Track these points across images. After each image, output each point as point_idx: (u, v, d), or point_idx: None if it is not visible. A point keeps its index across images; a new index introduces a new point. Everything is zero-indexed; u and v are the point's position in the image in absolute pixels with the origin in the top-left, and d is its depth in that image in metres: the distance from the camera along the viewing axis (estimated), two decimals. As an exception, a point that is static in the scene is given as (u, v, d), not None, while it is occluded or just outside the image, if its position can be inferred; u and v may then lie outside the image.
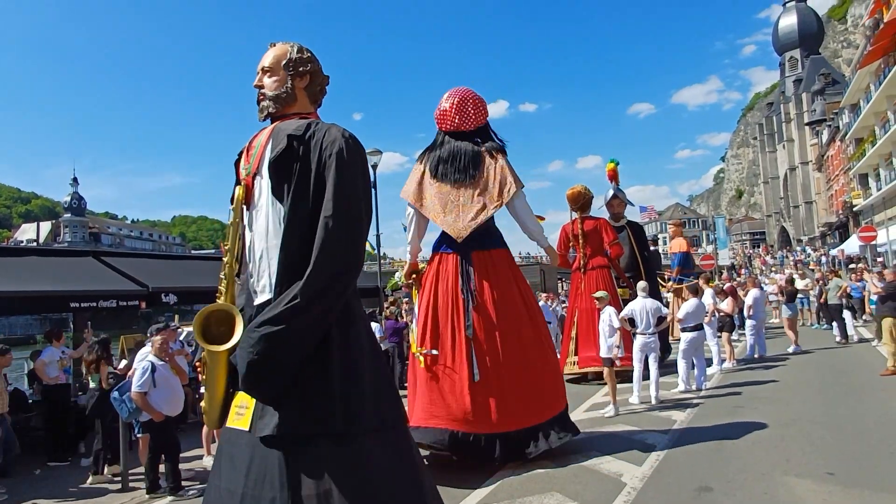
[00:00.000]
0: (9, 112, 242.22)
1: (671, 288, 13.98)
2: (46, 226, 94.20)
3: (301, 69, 2.72)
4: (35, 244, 73.90)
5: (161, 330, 6.88)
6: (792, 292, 14.86)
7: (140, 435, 6.50)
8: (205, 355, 2.39)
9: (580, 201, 10.81)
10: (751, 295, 12.92)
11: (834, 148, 54.91)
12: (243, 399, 2.36)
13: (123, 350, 11.76)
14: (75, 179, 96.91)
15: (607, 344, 8.27)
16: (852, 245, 33.56)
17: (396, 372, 11.89)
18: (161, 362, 6.27)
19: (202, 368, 2.43)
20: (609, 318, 8.28)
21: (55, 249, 20.53)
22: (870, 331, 14.35)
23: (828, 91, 65.42)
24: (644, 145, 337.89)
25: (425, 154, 6.69)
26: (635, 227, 12.65)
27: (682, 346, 9.44)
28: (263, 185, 2.54)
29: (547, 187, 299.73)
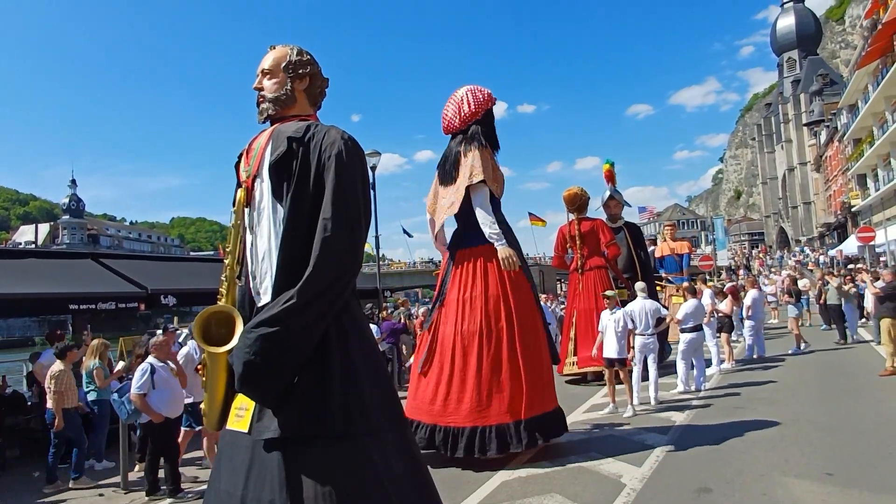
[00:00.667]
0: (7, 113, 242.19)
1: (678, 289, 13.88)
2: (45, 227, 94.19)
3: (301, 71, 2.72)
4: (33, 246, 73.87)
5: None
6: (798, 292, 14.87)
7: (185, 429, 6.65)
8: (205, 357, 2.38)
9: (577, 203, 10.82)
10: (749, 296, 12.93)
11: (832, 148, 55.00)
12: (243, 401, 2.36)
13: (122, 352, 11.77)
14: (74, 181, 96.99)
15: (619, 345, 8.15)
16: (851, 246, 33.60)
17: (395, 372, 11.97)
18: (160, 364, 6.28)
19: (203, 371, 2.42)
20: (622, 319, 8.22)
21: (54, 252, 20.54)
22: (868, 332, 14.36)
23: (826, 92, 65.56)
24: (642, 146, 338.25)
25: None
26: (632, 228, 12.66)
27: (682, 347, 9.45)
28: (264, 188, 2.54)
29: (545, 188, 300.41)
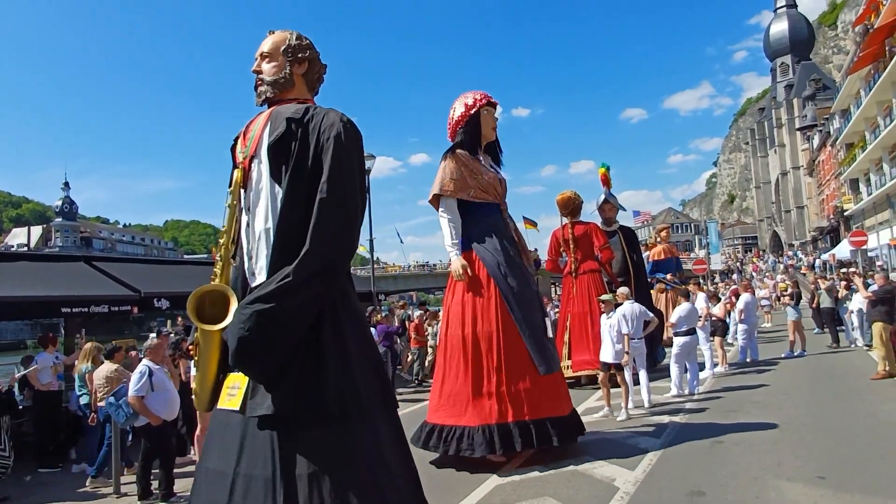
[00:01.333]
0: (0, 114, 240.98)
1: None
2: (37, 230, 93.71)
3: (300, 55, 2.76)
4: (26, 249, 73.41)
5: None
6: (798, 295, 14.91)
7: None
8: (198, 336, 2.40)
9: (570, 206, 10.84)
10: (742, 299, 12.99)
11: (825, 153, 55.32)
12: (235, 380, 2.38)
13: (115, 355, 11.71)
14: (67, 183, 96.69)
15: (615, 349, 8.18)
16: (843, 250, 33.81)
17: (391, 376, 11.93)
18: (157, 367, 6.26)
19: (195, 350, 2.45)
20: (618, 323, 8.24)
21: (47, 255, 20.45)
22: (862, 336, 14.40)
23: (819, 96, 66.03)
24: (637, 150, 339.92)
25: None
26: (627, 232, 12.70)
27: (675, 351, 9.47)
28: (262, 169, 2.56)
29: (540, 192, 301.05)
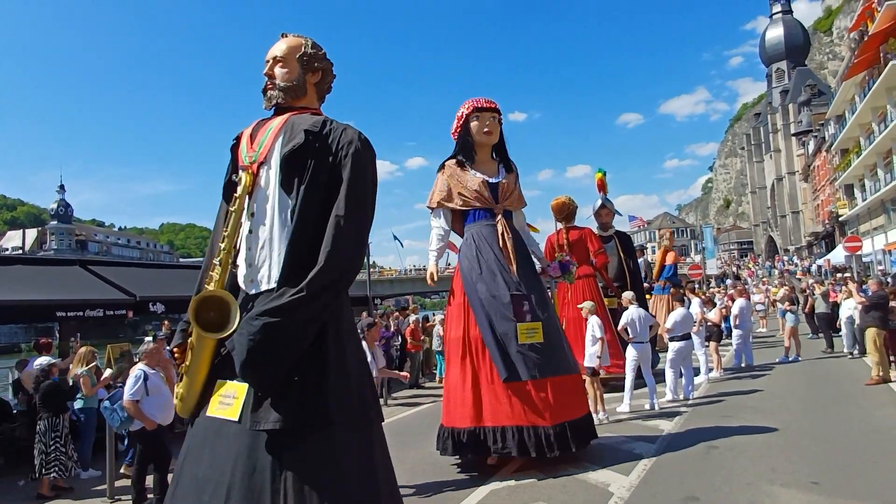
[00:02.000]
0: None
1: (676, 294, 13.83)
2: (32, 233, 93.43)
3: (316, 65, 2.78)
4: (21, 252, 73.26)
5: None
6: (796, 300, 14.95)
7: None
8: (191, 341, 2.39)
9: (565, 212, 10.84)
10: (737, 304, 13.01)
11: (820, 158, 55.51)
12: (231, 388, 2.36)
13: (110, 359, 11.67)
14: (62, 186, 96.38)
15: (589, 353, 8.30)
16: (838, 255, 33.90)
17: (386, 380, 11.96)
18: (152, 371, 6.24)
19: (181, 356, 2.45)
20: (592, 329, 8.30)
21: (42, 258, 20.41)
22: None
23: (814, 102, 66.20)
24: (633, 155, 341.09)
25: None
26: (623, 237, 12.71)
27: (670, 356, 9.48)
28: (271, 176, 2.56)
29: (536, 196, 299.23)
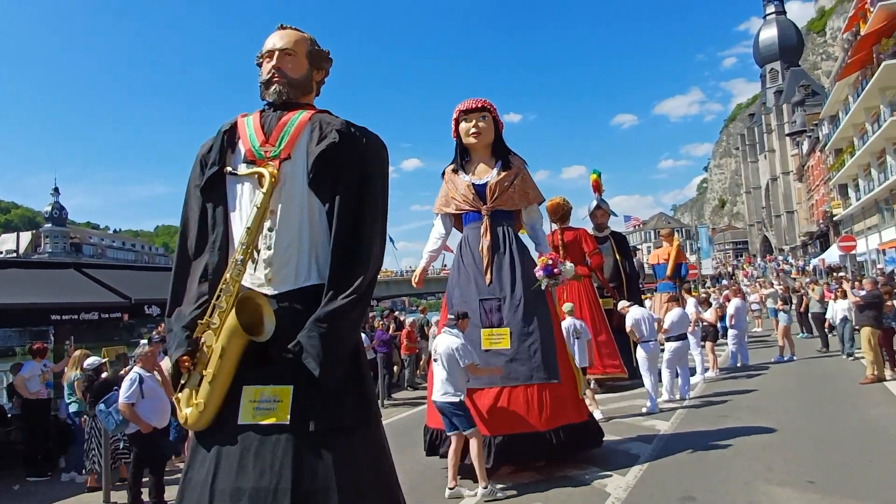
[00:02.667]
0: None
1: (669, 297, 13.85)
2: (27, 236, 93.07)
3: (323, 64, 2.82)
4: (15, 255, 72.97)
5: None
6: (790, 299, 14.98)
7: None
8: (213, 346, 2.33)
9: (559, 213, 10.82)
10: (732, 304, 13.05)
11: (814, 158, 55.70)
12: (269, 393, 2.35)
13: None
14: (56, 189, 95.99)
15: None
16: (833, 255, 34.01)
17: (386, 381, 12.36)
18: (148, 374, 6.22)
19: (188, 364, 2.37)
20: (569, 330, 8.22)
21: (36, 262, 20.33)
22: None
23: (808, 102, 66.42)
24: (628, 155, 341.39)
25: None
26: (618, 237, 12.73)
27: (667, 356, 9.50)
28: (296, 173, 2.55)
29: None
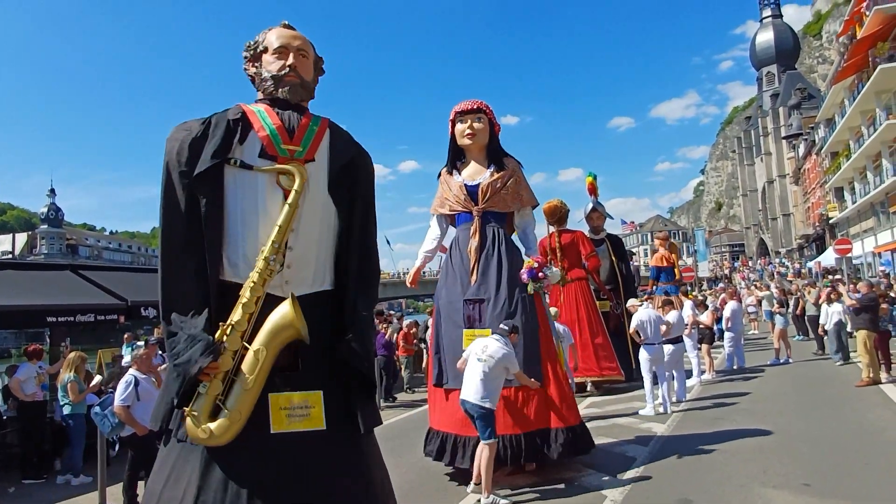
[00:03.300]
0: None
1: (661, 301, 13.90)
2: (22, 237, 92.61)
3: (322, 70, 2.87)
4: (10, 256, 72.66)
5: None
6: (786, 302, 14.98)
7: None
8: (252, 355, 2.24)
9: (556, 215, 10.84)
10: (728, 307, 13.08)
11: (810, 161, 55.84)
12: (299, 399, 2.36)
13: (101, 365, 11.61)
14: (52, 190, 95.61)
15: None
16: (829, 258, 34.10)
17: (389, 387, 12.47)
18: (143, 376, 6.21)
19: (214, 373, 2.21)
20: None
21: (32, 263, 20.25)
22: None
23: (804, 106, 66.58)
24: (624, 158, 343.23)
25: None
26: (614, 240, 12.75)
27: (664, 358, 9.50)
28: (319, 177, 2.55)
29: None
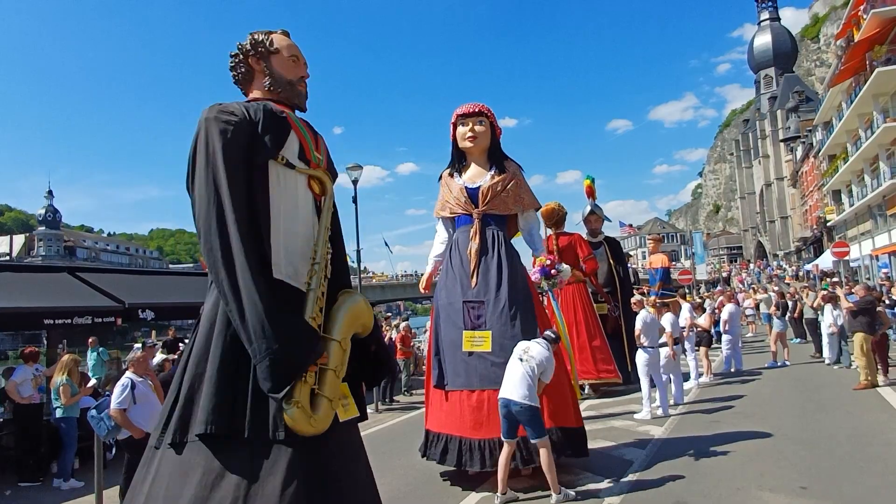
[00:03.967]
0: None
1: (653, 303, 13.96)
2: (20, 239, 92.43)
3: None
4: (8, 258, 72.54)
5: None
6: (784, 305, 14.98)
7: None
8: (339, 346, 2.43)
9: (554, 218, 10.82)
10: (726, 310, 13.09)
11: (808, 164, 55.98)
12: (343, 390, 2.53)
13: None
14: (50, 192, 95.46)
15: None
16: (826, 260, 34.18)
17: (391, 386, 12.46)
18: (140, 379, 6.20)
19: (320, 364, 2.34)
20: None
21: (29, 266, 20.19)
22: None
23: (802, 108, 66.74)
24: (622, 160, 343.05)
25: None
26: (612, 243, 12.74)
27: (661, 362, 9.50)
28: (327, 186, 2.73)
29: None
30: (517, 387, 5.28)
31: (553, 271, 6.54)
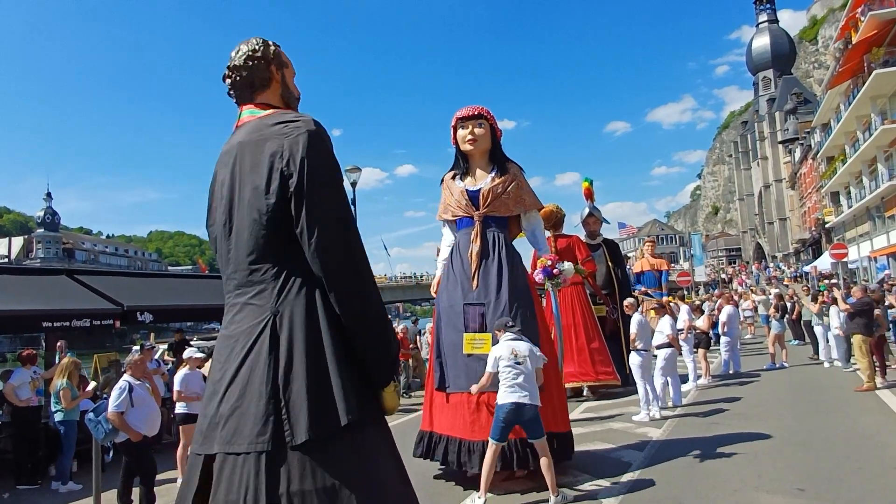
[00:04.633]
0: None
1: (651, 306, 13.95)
2: (18, 241, 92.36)
3: None
4: (6, 260, 72.45)
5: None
6: (783, 307, 14.99)
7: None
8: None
9: (552, 220, 10.81)
10: (725, 311, 13.11)
11: (806, 166, 56.09)
12: None
13: (97, 370, 11.58)
14: (49, 194, 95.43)
15: None
16: (825, 262, 34.23)
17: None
18: (138, 382, 6.20)
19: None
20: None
21: (28, 268, 20.15)
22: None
23: (800, 110, 66.88)
24: (621, 162, 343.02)
25: None
26: (611, 245, 12.75)
27: (658, 364, 9.53)
28: None
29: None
30: (524, 390, 5.31)
31: (555, 271, 6.57)
